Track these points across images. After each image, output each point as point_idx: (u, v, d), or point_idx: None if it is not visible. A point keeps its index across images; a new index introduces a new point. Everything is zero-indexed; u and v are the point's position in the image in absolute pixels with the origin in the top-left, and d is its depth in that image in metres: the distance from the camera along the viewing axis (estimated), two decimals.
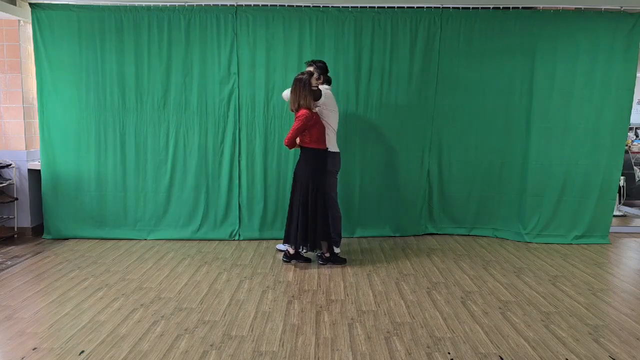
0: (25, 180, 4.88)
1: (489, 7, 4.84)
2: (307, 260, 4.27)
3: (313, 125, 3.99)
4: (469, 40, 4.88)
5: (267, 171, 4.95)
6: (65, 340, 2.81)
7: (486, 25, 4.85)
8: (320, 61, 4.25)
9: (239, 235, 5.00)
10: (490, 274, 4.07)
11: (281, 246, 4.60)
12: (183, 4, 4.71)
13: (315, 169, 4.06)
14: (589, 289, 3.77)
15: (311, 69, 4.16)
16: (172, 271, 4.03)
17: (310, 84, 3.97)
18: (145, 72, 4.78)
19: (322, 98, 4.11)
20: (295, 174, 4.15)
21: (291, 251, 4.22)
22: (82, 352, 2.68)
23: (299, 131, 3.96)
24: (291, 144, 4.01)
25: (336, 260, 4.23)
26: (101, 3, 4.68)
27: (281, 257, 4.38)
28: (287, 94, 4.23)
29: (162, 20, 4.73)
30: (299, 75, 4.01)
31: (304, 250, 4.19)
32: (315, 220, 4.05)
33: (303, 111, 3.95)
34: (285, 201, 4.97)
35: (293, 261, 4.26)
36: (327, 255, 4.19)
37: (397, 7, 4.82)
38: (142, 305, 3.33)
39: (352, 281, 3.86)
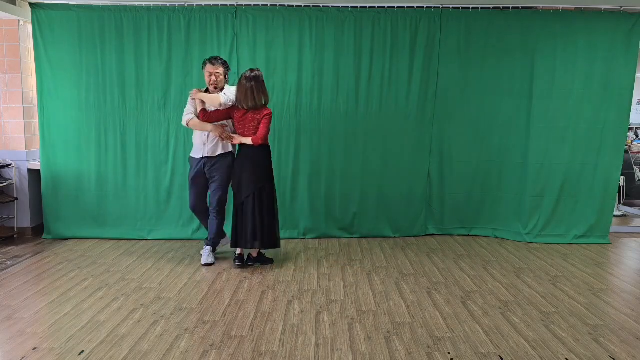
0: (25, 180, 4.88)
1: (489, 7, 4.83)
2: (270, 261, 4.21)
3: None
4: (469, 40, 4.88)
5: None
6: (65, 340, 2.81)
7: (486, 25, 4.85)
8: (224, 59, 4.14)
9: None
10: (490, 274, 4.07)
11: (205, 252, 4.26)
12: (183, 4, 4.71)
13: (269, 166, 4.08)
14: (589, 289, 3.77)
15: (222, 69, 4.02)
16: (172, 271, 4.03)
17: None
18: (145, 72, 4.78)
19: None
20: (247, 172, 3.98)
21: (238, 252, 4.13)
22: (82, 352, 2.68)
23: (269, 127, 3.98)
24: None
25: (264, 260, 4.19)
26: (101, 3, 4.68)
27: (235, 263, 4.14)
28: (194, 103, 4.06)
29: (162, 21, 4.72)
30: (249, 73, 3.88)
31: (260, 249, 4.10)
32: (274, 218, 4.05)
33: (268, 108, 3.98)
34: (285, 201, 4.97)
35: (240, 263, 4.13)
36: (255, 255, 4.13)
37: (397, 7, 4.82)
38: (142, 305, 3.33)
39: (352, 281, 3.86)
